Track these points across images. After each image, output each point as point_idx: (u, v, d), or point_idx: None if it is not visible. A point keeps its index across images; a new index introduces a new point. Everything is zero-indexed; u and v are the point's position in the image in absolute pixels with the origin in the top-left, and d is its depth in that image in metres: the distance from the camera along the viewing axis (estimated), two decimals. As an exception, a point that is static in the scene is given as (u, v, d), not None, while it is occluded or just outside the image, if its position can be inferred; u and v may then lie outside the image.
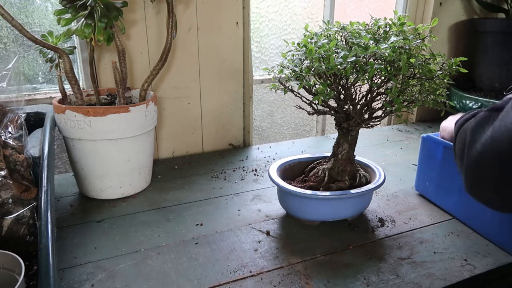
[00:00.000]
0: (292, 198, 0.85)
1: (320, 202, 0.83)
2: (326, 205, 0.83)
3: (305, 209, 0.84)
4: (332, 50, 0.74)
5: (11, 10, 1.00)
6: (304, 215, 0.86)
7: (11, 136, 0.74)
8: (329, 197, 0.80)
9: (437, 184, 0.93)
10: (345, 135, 0.85)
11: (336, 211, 0.84)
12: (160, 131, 1.21)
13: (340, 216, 0.85)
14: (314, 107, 0.86)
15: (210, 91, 1.24)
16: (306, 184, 0.89)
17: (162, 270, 0.72)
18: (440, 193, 0.93)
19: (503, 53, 1.43)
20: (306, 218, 0.86)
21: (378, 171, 0.89)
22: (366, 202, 0.88)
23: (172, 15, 0.95)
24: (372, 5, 1.56)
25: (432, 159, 0.92)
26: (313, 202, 0.83)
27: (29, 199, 0.70)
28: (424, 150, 0.96)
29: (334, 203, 0.83)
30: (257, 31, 1.38)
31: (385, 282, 0.69)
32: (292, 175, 0.94)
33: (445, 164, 0.89)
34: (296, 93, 0.85)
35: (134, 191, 0.99)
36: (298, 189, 0.81)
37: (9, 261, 0.59)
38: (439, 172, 0.91)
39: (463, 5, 1.55)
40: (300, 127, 1.62)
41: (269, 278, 0.70)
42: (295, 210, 0.86)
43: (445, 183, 0.90)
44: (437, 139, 0.90)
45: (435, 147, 0.91)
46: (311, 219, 0.86)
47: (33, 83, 1.09)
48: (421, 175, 0.98)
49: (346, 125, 0.83)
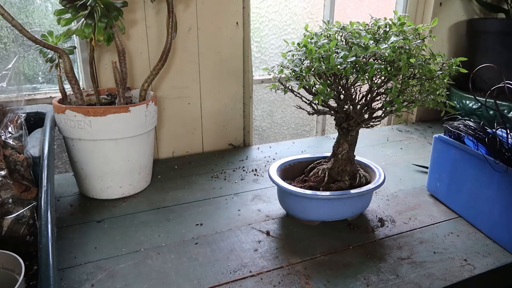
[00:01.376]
0: (292, 198, 0.85)
1: (320, 202, 0.83)
2: (326, 205, 0.83)
3: (305, 209, 0.84)
4: (332, 50, 0.74)
5: (11, 10, 1.00)
6: (304, 215, 0.86)
7: (11, 136, 0.74)
8: (329, 197, 0.80)
9: (448, 184, 0.93)
10: (345, 135, 0.85)
11: (336, 211, 0.84)
12: (160, 131, 1.21)
13: (340, 216, 0.85)
14: (314, 107, 0.86)
15: (210, 91, 1.24)
16: (306, 184, 0.89)
17: (162, 270, 0.72)
18: (450, 193, 0.93)
19: (503, 53, 1.43)
20: (306, 218, 0.86)
21: (378, 171, 0.89)
22: (366, 202, 0.88)
23: (172, 15, 0.95)
24: (372, 5, 1.56)
25: (444, 160, 0.93)
26: (313, 202, 0.83)
27: (29, 199, 0.70)
28: (436, 151, 0.96)
29: (334, 203, 0.83)
30: (257, 31, 1.38)
31: (385, 282, 0.69)
32: (292, 175, 0.94)
33: (456, 164, 0.89)
34: (296, 93, 0.85)
35: (134, 191, 0.99)
36: (298, 189, 0.81)
37: (9, 261, 0.59)
38: (449, 172, 0.92)
39: (463, 5, 1.55)
40: (300, 127, 1.62)
41: (269, 278, 0.70)
42: (295, 210, 0.86)
43: (455, 183, 0.91)
44: (448, 139, 0.90)
45: (446, 148, 0.91)
46: (311, 219, 0.86)
47: (33, 83, 1.09)
48: (432, 176, 0.98)
49: (346, 125, 0.83)
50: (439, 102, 0.77)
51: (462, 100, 1.47)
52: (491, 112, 1.36)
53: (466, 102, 1.45)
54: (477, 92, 1.52)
